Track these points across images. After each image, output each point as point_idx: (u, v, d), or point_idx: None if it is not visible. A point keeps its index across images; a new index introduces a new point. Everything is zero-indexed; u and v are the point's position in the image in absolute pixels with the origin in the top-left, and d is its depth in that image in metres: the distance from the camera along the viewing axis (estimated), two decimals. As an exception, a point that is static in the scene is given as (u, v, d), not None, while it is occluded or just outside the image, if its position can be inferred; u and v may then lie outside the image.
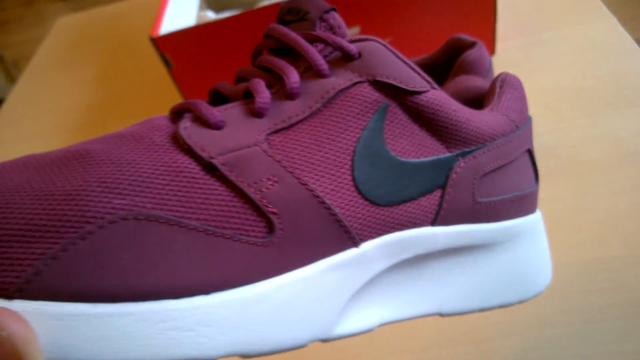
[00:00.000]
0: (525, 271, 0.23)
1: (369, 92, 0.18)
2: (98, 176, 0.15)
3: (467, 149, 0.20)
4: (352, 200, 0.18)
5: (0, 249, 0.13)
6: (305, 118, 0.18)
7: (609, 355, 0.30)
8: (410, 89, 0.19)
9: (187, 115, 0.18)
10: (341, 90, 0.18)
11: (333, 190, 0.17)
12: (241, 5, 0.62)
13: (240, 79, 0.21)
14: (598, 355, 0.30)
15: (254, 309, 0.16)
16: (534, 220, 0.23)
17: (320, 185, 0.17)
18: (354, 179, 0.18)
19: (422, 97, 0.19)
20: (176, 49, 0.48)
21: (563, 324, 0.32)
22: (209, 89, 0.54)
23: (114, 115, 0.60)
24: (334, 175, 0.18)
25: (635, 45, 0.48)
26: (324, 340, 0.18)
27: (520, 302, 0.23)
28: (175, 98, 0.59)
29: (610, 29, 0.50)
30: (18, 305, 0.13)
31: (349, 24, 0.48)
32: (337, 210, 0.17)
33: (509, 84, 0.23)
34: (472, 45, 0.36)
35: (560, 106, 0.45)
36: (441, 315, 0.21)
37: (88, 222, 0.14)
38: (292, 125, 0.18)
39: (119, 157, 0.16)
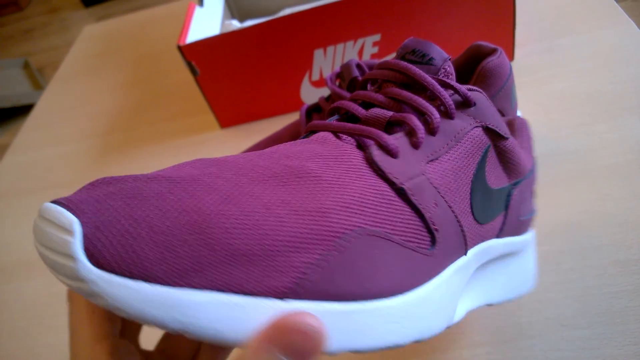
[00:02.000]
0: (526, 271, 0.29)
1: (481, 135, 0.23)
2: (333, 196, 0.18)
3: (517, 180, 0.25)
4: (469, 220, 0.22)
5: (277, 257, 0.16)
6: (445, 152, 0.22)
7: (629, 357, 0.30)
8: (503, 134, 0.24)
9: (370, 143, 0.21)
10: (466, 132, 0.22)
11: (462, 212, 0.21)
12: (265, 14, 0.64)
13: (361, 102, 0.24)
14: (618, 357, 0.30)
15: (426, 305, 0.19)
16: (533, 235, 0.30)
17: (457, 209, 0.21)
18: (470, 203, 0.22)
19: (507, 142, 0.24)
20: (202, 57, 0.50)
21: (583, 326, 0.32)
22: (234, 95, 0.56)
23: (140, 122, 0.62)
24: (463, 200, 0.22)
25: (655, 50, 0.48)
26: (448, 327, 0.21)
27: (521, 296, 0.29)
28: (201, 105, 0.61)
29: (628, 33, 0.50)
30: (291, 305, 0.16)
31: (370, 31, 0.49)
32: (465, 228, 0.21)
33: (525, 127, 0.28)
34: (492, 52, 0.37)
35: (579, 111, 0.45)
36: (489, 305, 0.26)
37: (338, 237, 0.17)
38: (437, 158, 0.21)
39: (338, 178, 0.19)
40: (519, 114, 0.41)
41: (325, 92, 0.53)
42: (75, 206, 0.15)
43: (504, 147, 0.24)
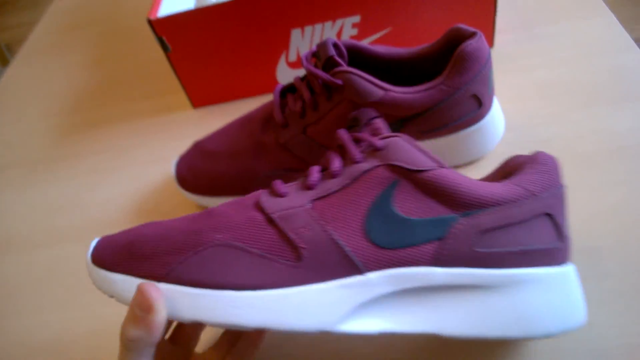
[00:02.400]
0: (532, 313, 0.26)
1: (383, 172, 0.27)
2: (212, 223, 0.27)
3: (468, 211, 0.26)
4: (360, 243, 0.26)
5: (160, 256, 0.26)
6: (339, 190, 0.27)
7: (594, 340, 0.30)
8: (415, 168, 0.26)
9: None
10: (365, 171, 0.27)
11: (347, 235, 0.26)
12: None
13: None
14: (583, 340, 0.30)
15: (281, 302, 0.25)
16: (549, 272, 0.27)
17: (337, 231, 0.26)
18: (364, 229, 0.26)
19: (427, 174, 0.26)
20: (174, 33, 0.48)
21: (553, 313, 0.32)
22: (207, 74, 0.54)
23: (109, 100, 0.60)
24: (350, 226, 0.26)
25: (632, 42, 0.48)
26: (329, 332, 0.26)
27: (525, 338, 0.27)
28: (172, 82, 0.59)
29: (608, 25, 0.50)
30: (161, 285, 0.25)
31: (350, 13, 0.48)
32: (347, 249, 0.26)
33: (536, 160, 0.28)
34: (472, 35, 0.36)
35: (557, 99, 0.45)
36: (440, 336, 0.26)
37: (201, 246, 0.26)
38: (328, 195, 0.27)
39: (226, 213, 0.28)
40: (495, 100, 0.40)
41: (302, 74, 0.52)
42: (104, 236, 0.28)
43: (423, 179, 0.26)
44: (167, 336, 0.31)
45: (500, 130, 0.41)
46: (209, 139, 0.43)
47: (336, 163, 0.28)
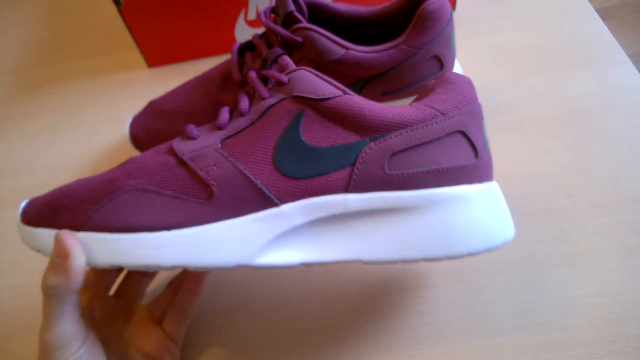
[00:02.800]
0: (453, 232, 0.26)
1: (289, 104, 0.27)
2: (126, 169, 0.27)
3: (377, 135, 0.26)
4: (271, 175, 0.26)
5: (77, 206, 0.26)
6: (247, 127, 0.27)
7: (548, 301, 0.31)
8: (320, 97, 0.26)
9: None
10: (271, 106, 0.27)
11: (257, 169, 0.26)
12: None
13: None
14: (538, 301, 0.32)
15: (196, 240, 0.26)
16: (467, 190, 0.26)
17: (247, 166, 0.26)
18: (274, 161, 0.26)
19: (331, 102, 0.26)
20: (126, -15, 0.45)
21: (506, 271, 0.33)
22: (163, 31, 0.51)
23: (60, 57, 0.57)
24: (259, 159, 0.26)
25: (591, 8, 0.49)
26: (248, 266, 0.26)
27: (449, 258, 0.26)
28: (125, 38, 0.56)
29: (568, -9, 0.51)
30: (79, 234, 0.26)
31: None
32: (258, 182, 0.26)
33: (445, 80, 0.28)
34: (433, -6, 0.36)
35: (515, 64, 0.45)
36: (361, 262, 0.26)
37: (114, 193, 0.26)
38: (238, 132, 0.27)
39: (141, 160, 0.28)
40: (456, 63, 0.40)
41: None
42: (35, 197, 0.28)
43: (327, 107, 0.26)
44: (111, 292, 0.32)
45: (460, 93, 0.41)
46: (165, 99, 0.42)
47: (245, 102, 0.28)
